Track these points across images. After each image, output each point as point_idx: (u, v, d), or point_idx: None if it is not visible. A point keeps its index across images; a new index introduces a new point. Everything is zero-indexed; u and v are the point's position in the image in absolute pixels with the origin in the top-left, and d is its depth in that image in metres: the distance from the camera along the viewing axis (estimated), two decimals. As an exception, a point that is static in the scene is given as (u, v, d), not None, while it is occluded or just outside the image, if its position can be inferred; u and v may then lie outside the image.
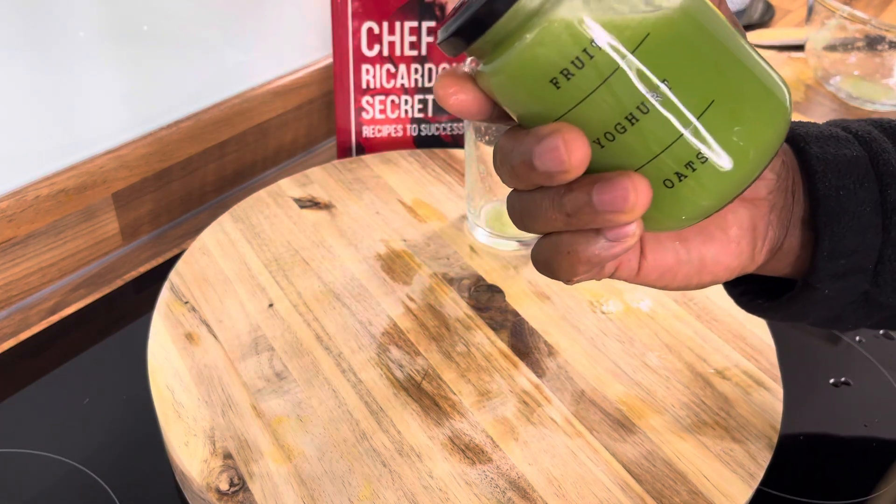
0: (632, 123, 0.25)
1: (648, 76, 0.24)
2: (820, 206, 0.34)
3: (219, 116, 0.64)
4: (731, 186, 0.26)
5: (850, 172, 0.34)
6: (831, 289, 0.36)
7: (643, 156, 0.25)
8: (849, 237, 0.34)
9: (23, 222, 0.53)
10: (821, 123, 0.37)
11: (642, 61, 0.24)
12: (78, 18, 0.53)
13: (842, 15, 0.76)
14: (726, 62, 0.25)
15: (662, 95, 0.24)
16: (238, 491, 0.38)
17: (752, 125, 0.26)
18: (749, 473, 0.40)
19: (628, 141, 0.25)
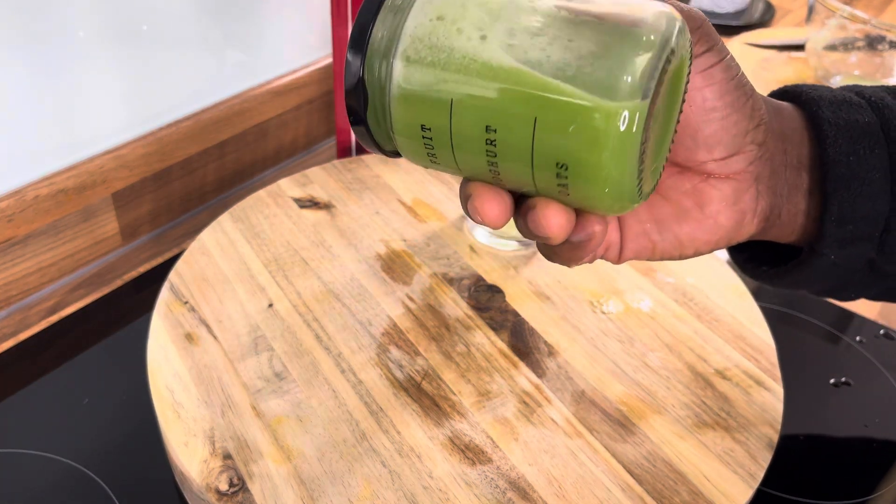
0: (495, 164, 0.27)
1: (473, 130, 0.27)
2: (830, 171, 0.34)
3: (218, 116, 0.64)
4: (610, 181, 0.27)
5: (861, 138, 0.34)
6: (837, 255, 0.35)
7: (528, 183, 0.27)
8: (858, 203, 0.34)
9: (22, 222, 0.53)
10: (835, 88, 0.37)
11: (460, 122, 0.27)
12: (78, 18, 0.53)
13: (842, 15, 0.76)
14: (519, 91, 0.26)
15: (492, 139, 0.27)
16: (238, 491, 0.38)
17: (582, 135, 0.26)
18: (749, 473, 0.40)
19: (508, 176, 0.28)
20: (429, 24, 0.27)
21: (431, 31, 0.27)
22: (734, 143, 0.33)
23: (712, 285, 0.51)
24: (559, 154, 0.26)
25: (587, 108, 0.26)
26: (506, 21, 0.27)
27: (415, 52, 0.27)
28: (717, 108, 0.32)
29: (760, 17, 1.05)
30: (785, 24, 1.06)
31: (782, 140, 0.34)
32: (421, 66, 0.27)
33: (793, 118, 0.35)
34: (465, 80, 0.27)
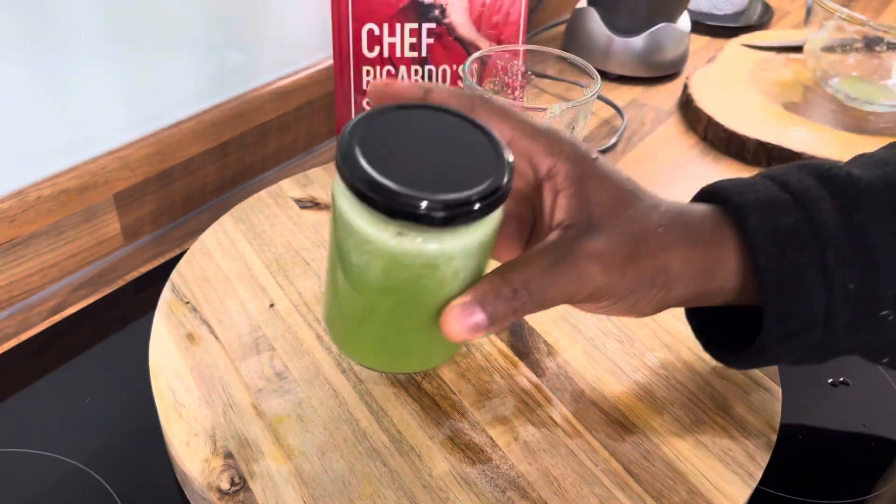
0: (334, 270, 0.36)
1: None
2: (763, 277, 0.35)
3: (220, 117, 0.64)
4: (354, 357, 0.39)
5: (789, 241, 0.35)
6: (784, 347, 0.37)
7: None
8: (794, 301, 0.36)
9: (24, 222, 0.54)
10: (761, 180, 0.38)
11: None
12: (79, 18, 0.53)
13: (840, 16, 0.76)
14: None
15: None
16: (239, 490, 0.38)
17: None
18: (748, 473, 0.40)
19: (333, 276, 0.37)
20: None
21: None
22: (602, 300, 0.36)
23: (711, 286, 0.51)
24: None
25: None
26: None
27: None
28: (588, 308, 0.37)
29: (759, 18, 1.05)
30: (783, 26, 1.06)
31: (694, 279, 0.36)
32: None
33: (721, 232, 0.37)
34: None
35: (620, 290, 0.34)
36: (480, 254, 0.33)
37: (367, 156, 0.31)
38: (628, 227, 0.35)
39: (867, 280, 0.35)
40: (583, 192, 0.35)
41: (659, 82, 0.89)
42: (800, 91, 0.83)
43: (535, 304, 0.33)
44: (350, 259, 0.33)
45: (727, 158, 0.76)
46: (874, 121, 0.78)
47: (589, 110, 0.50)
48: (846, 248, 0.35)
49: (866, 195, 0.36)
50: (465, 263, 0.33)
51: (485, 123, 0.34)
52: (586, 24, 0.88)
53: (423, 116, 0.34)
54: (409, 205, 0.30)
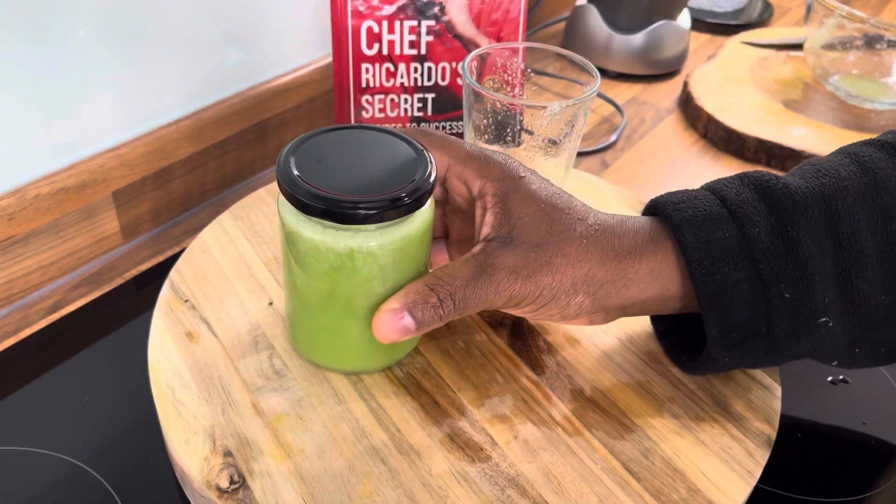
0: (288, 279, 0.42)
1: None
2: (699, 291, 0.37)
3: (219, 115, 0.64)
4: (313, 358, 0.44)
5: (723, 255, 0.37)
6: (731, 356, 0.39)
7: None
8: (732, 313, 0.37)
9: (23, 221, 0.54)
10: (702, 194, 0.40)
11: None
12: (77, 17, 0.53)
13: (840, 14, 0.76)
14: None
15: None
16: (238, 489, 0.38)
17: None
18: (747, 471, 0.40)
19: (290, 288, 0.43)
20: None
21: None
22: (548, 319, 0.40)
23: (711, 284, 0.51)
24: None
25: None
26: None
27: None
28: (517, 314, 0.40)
29: (759, 16, 1.05)
30: (783, 24, 1.06)
31: (614, 292, 0.39)
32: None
33: (663, 243, 0.39)
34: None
35: (539, 297, 0.37)
36: (406, 251, 0.38)
37: (299, 167, 0.37)
38: (546, 239, 0.38)
39: (802, 290, 0.36)
40: (506, 209, 0.38)
41: (659, 80, 0.89)
42: (800, 89, 0.83)
43: (458, 312, 0.37)
44: (294, 261, 0.39)
45: (727, 156, 0.76)
46: (874, 118, 0.78)
47: (589, 108, 0.50)
48: (780, 261, 0.36)
49: (800, 208, 0.37)
50: (390, 259, 0.37)
51: (409, 136, 0.39)
52: (586, 21, 0.88)
53: (355, 134, 0.40)
54: (329, 205, 0.35)
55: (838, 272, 0.37)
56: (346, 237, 0.36)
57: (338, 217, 0.35)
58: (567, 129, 0.50)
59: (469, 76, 0.50)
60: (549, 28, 1.00)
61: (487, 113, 0.51)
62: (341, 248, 0.37)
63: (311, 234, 0.37)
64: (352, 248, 0.37)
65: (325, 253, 0.37)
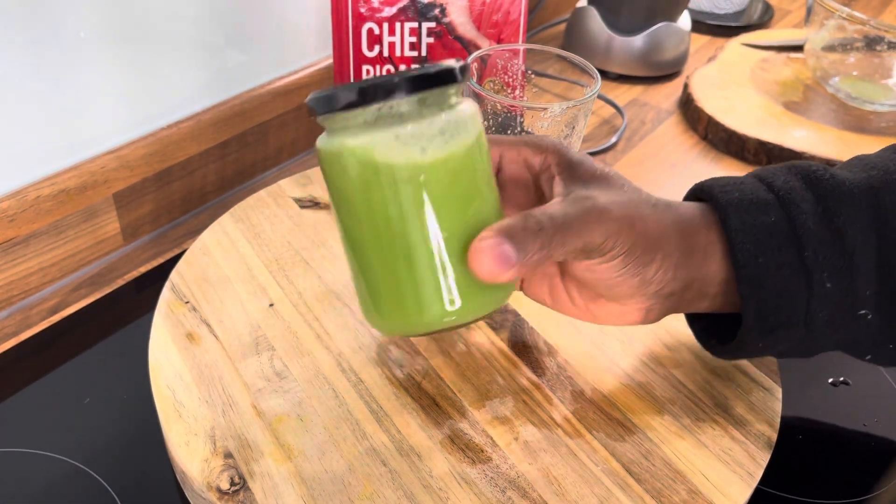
0: (344, 233, 0.37)
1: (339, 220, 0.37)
2: (740, 274, 0.37)
3: (219, 117, 0.64)
4: (394, 327, 0.37)
5: (768, 240, 0.37)
6: (765, 342, 0.38)
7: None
8: (772, 299, 0.37)
9: (24, 222, 0.54)
10: (749, 179, 0.39)
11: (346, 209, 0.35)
12: (78, 18, 0.53)
13: (841, 15, 0.76)
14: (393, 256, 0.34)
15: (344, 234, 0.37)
16: (239, 490, 0.38)
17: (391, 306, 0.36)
18: (748, 472, 0.40)
19: (346, 243, 0.37)
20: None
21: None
22: (622, 298, 0.38)
23: (711, 285, 0.51)
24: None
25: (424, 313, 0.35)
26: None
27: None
28: (598, 286, 0.38)
29: (759, 17, 1.05)
30: (784, 25, 1.06)
31: (677, 265, 0.37)
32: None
33: (698, 229, 0.38)
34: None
35: (633, 246, 0.35)
36: (466, 159, 0.34)
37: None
38: (625, 195, 0.37)
39: (845, 280, 0.36)
40: (575, 174, 0.37)
41: (659, 81, 0.89)
42: (800, 90, 0.83)
43: (558, 243, 0.33)
44: (353, 204, 0.34)
45: (727, 158, 0.76)
46: (875, 120, 0.78)
47: (589, 109, 0.50)
48: (824, 249, 0.36)
49: (847, 199, 0.37)
50: (455, 166, 0.34)
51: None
52: (586, 23, 0.88)
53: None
54: (380, 83, 0.32)
55: (881, 265, 0.36)
56: (407, 145, 0.32)
57: (381, 91, 0.32)
58: (567, 130, 0.50)
59: (469, 78, 0.50)
60: (550, 30, 1.00)
61: (488, 114, 0.51)
62: (402, 159, 0.32)
63: (374, 150, 0.33)
64: (414, 160, 0.32)
65: (391, 169, 0.32)
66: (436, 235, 0.33)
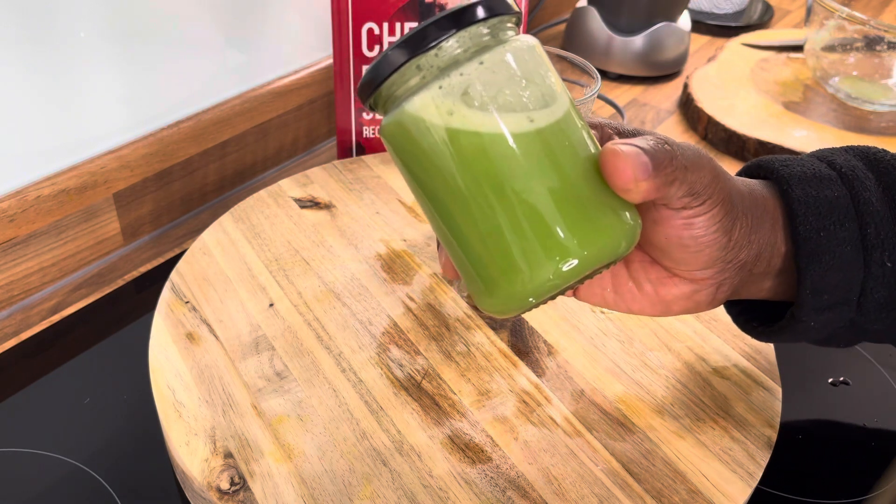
0: (433, 220, 0.32)
1: (433, 197, 0.31)
2: (801, 247, 0.36)
3: (220, 117, 0.64)
4: (509, 299, 0.31)
5: (830, 214, 0.36)
6: (817, 321, 0.37)
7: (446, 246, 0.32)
8: (830, 275, 0.36)
9: (24, 222, 0.54)
10: (808, 158, 0.39)
11: (430, 183, 0.30)
12: (79, 18, 0.53)
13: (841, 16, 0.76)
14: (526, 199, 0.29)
15: (444, 213, 0.31)
16: (239, 490, 0.38)
17: (531, 258, 0.30)
18: (748, 472, 0.40)
19: (439, 224, 0.32)
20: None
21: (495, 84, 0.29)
22: (703, 265, 0.35)
23: (711, 285, 0.51)
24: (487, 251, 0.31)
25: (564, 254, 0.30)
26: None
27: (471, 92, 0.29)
28: (690, 246, 0.35)
29: (759, 17, 1.05)
30: (783, 25, 1.06)
31: (752, 230, 0.36)
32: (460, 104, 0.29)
33: (765, 200, 0.37)
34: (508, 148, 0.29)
35: (724, 194, 0.34)
36: (558, 101, 0.30)
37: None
38: (712, 161, 0.35)
39: None
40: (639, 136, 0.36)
41: (659, 81, 0.89)
42: (800, 90, 0.83)
43: (681, 168, 0.32)
44: (444, 177, 0.30)
45: (727, 158, 0.76)
46: (875, 120, 0.78)
47: (589, 109, 0.50)
48: (886, 227, 0.36)
49: None
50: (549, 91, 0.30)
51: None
52: (586, 23, 0.88)
53: None
54: (419, 33, 0.29)
55: None
56: (484, 88, 0.29)
57: (432, 34, 0.29)
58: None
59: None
60: (550, 30, 1.00)
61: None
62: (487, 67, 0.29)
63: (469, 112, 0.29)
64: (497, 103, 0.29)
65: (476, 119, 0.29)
66: (537, 182, 0.29)
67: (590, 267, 0.30)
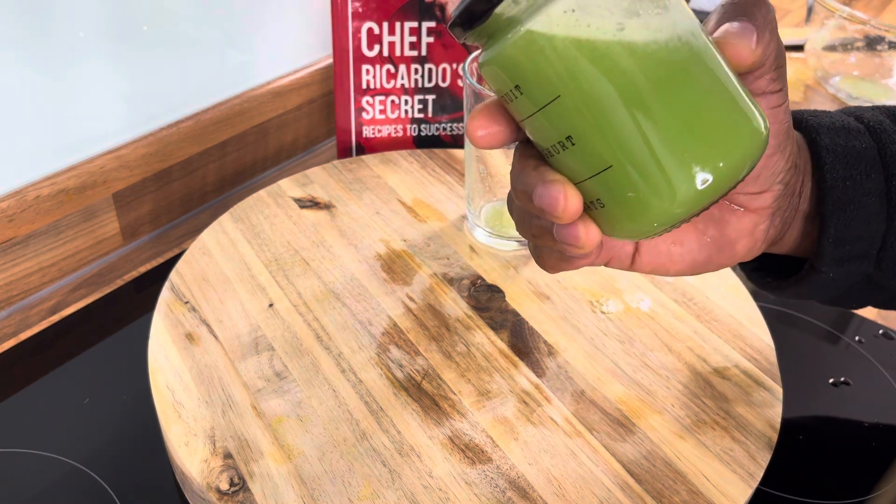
0: (564, 148, 0.28)
1: (573, 118, 0.27)
2: (827, 195, 0.35)
3: (219, 116, 0.64)
4: (663, 215, 0.28)
5: (857, 163, 0.36)
6: (836, 273, 0.37)
7: (578, 175, 0.28)
8: (854, 225, 0.36)
9: (23, 222, 0.54)
10: (835, 112, 0.38)
11: (573, 102, 0.27)
12: (78, 18, 0.53)
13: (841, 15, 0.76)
14: (668, 100, 0.27)
15: (587, 133, 0.27)
16: (238, 491, 0.38)
17: (684, 167, 0.27)
18: (749, 473, 0.40)
19: (565, 160, 0.28)
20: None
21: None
22: (767, 182, 0.34)
23: (712, 285, 0.51)
24: (653, 173, 0.27)
25: (722, 152, 0.27)
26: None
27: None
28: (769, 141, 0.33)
29: (760, 17, 1.05)
30: (784, 25, 1.06)
31: (800, 173, 0.35)
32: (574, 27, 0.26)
33: (799, 144, 0.36)
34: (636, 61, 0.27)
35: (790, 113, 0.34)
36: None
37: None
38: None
39: None
40: None
41: (659, 81, 0.89)
42: (801, 90, 0.83)
43: (776, 38, 0.31)
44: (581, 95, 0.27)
45: (728, 158, 0.75)
46: (875, 120, 0.78)
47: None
48: None
49: None
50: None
51: None
52: (586, 23, 0.88)
53: None
54: None
55: None
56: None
57: None
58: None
59: (470, 77, 0.50)
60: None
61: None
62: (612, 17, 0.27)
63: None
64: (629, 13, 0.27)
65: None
66: (684, 87, 0.28)
67: (733, 178, 0.28)
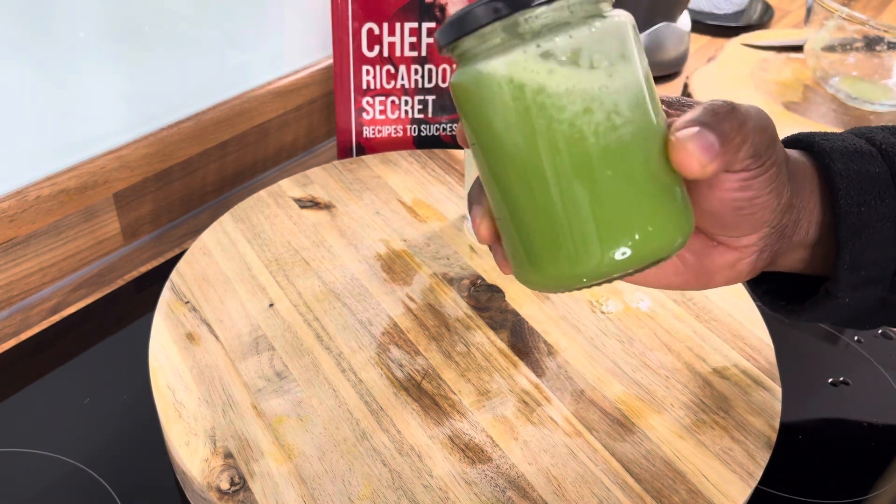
0: (489, 184, 0.31)
1: (488, 162, 0.30)
2: (842, 221, 0.35)
3: (219, 117, 0.64)
4: (551, 277, 0.30)
5: (871, 188, 0.36)
6: (851, 297, 0.37)
7: (493, 211, 0.32)
8: (869, 250, 0.36)
9: (24, 222, 0.54)
10: (847, 134, 0.38)
11: (490, 148, 0.30)
12: (78, 18, 0.53)
13: (840, 16, 0.76)
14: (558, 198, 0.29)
15: (497, 181, 0.30)
16: (239, 490, 0.38)
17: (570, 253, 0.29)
18: (748, 472, 0.40)
19: (489, 193, 0.31)
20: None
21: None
22: (752, 229, 0.35)
23: (711, 285, 0.51)
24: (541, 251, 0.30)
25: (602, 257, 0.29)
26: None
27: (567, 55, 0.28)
28: (745, 208, 0.34)
29: (759, 17, 1.05)
30: (783, 25, 1.06)
31: (793, 194, 0.35)
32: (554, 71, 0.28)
33: (804, 170, 0.36)
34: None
35: (783, 155, 0.34)
36: (634, 77, 0.30)
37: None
38: (771, 120, 0.34)
39: None
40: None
41: (659, 81, 0.89)
42: (800, 90, 0.83)
43: (749, 130, 0.31)
44: (506, 140, 0.29)
45: (727, 158, 0.76)
46: (874, 120, 0.78)
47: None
48: None
49: None
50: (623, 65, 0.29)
51: None
52: (586, 23, 0.88)
53: None
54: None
55: None
56: (565, 57, 0.28)
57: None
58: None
59: None
60: (550, 30, 1.00)
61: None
62: (558, 75, 0.28)
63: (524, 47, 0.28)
64: (572, 74, 0.28)
65: (543, 89, 0.28)
66: (605, 160, 0.28)
67: (641, 263, 0.30)
